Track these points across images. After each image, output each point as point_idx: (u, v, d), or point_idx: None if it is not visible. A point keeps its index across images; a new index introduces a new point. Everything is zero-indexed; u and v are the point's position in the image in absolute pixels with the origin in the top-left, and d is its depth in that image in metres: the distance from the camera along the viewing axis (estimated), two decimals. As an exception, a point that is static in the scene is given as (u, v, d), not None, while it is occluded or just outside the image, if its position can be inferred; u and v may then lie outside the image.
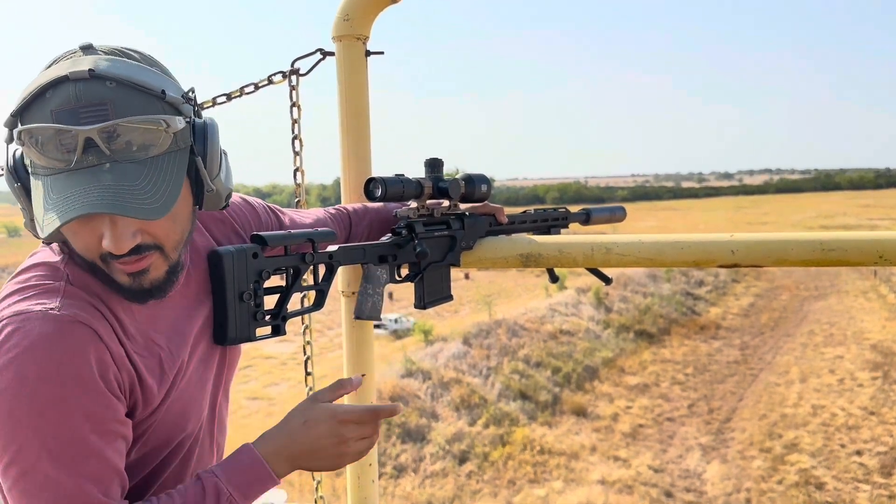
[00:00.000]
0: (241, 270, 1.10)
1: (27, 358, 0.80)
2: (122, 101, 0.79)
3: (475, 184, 1.47)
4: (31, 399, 0.80)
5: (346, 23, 1.55)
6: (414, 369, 23.26)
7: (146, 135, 0.81)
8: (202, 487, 0.90)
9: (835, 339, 32.31)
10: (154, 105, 0.81)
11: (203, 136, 0.88)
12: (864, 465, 20.08)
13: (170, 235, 0.88)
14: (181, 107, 0.84)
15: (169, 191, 0.82)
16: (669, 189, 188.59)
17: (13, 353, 0.80)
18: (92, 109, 0.78)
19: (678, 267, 1.37)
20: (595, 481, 19.32)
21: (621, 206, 1.82)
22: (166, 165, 0.83)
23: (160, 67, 0.87)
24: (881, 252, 1.26)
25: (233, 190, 0.98)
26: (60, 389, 0.81)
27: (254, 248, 1.12)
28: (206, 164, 0.88)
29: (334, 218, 1.45)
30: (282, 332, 1.16)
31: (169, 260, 0.90)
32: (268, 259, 1.14)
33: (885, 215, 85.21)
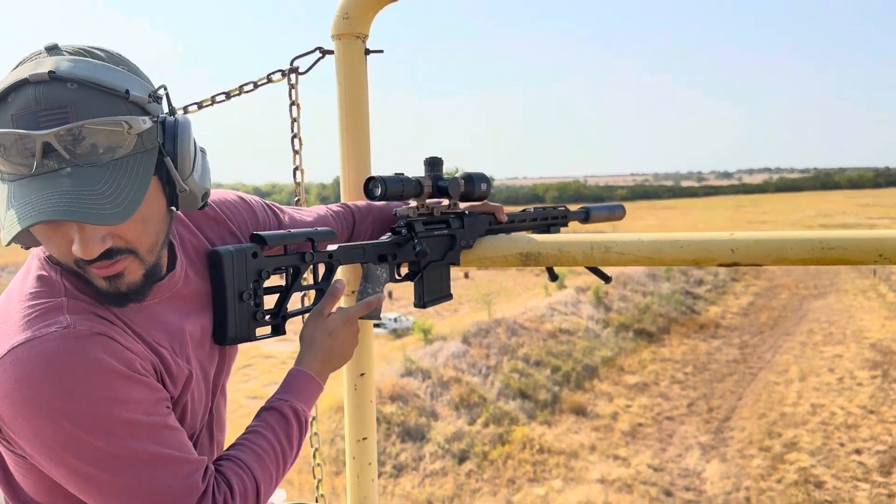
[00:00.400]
0: (240, 270, 1.09)
1: (65, 378, 0.82)
2: (83, 102, 0.78)
3: (475, 182, 1.47)
4: (87, 413, 0.83)
5: (345, 21, 1.55)
6: (413, 368, 23.27)
7: (109, 137, 0.79)
8: (279, 412, 1.04)
9: (834, 338, 32.33)
10: (118, 106, 0.80)
11: (173, 136, 0.86)
12: (864, 464, 20.10)
13: (142, 238, 0.87)
14: (147, 106, 0.83)
15: (132, 194, 0.81)
16: (669, 188, 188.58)
17: (49, 379, 0.82)
18: (51, 113, 0.76)
19: (677, 266, 1.37)
20: (594, 480, 19.33)
21: (620, 205, 1.82)
22: (131, 167, 0.81)
23: (127, 66, 0.85)
24: (881, 251, 1.26)
25: (210, 189, 0.96)
26: (109, 392, 0.84)
27: (253, 248, 1.11)
28: (177, 163, 0.86)
29: (337, 216, 1.45)
30: (281, 331, 1.17)
31: (145, 263, 0.89)
32: (267, 259, 1.13)
33: (885, 214, 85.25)
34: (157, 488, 0.87)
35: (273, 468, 1.00)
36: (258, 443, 1.00)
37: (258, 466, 0.98)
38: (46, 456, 0.85)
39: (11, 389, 0.82)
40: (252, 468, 0.97)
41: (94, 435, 0.83)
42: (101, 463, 0.84)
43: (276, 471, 1.01)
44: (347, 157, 1.60)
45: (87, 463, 0.84)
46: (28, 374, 0.82)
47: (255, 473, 0.97)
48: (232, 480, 0.94)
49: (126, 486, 0.86)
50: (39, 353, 0.82)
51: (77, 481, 0.86)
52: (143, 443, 0.86)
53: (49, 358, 0.82)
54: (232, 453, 0.99)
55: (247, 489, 0.95)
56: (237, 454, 0.99)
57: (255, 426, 1.03)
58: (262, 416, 1.04)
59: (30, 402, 0.82)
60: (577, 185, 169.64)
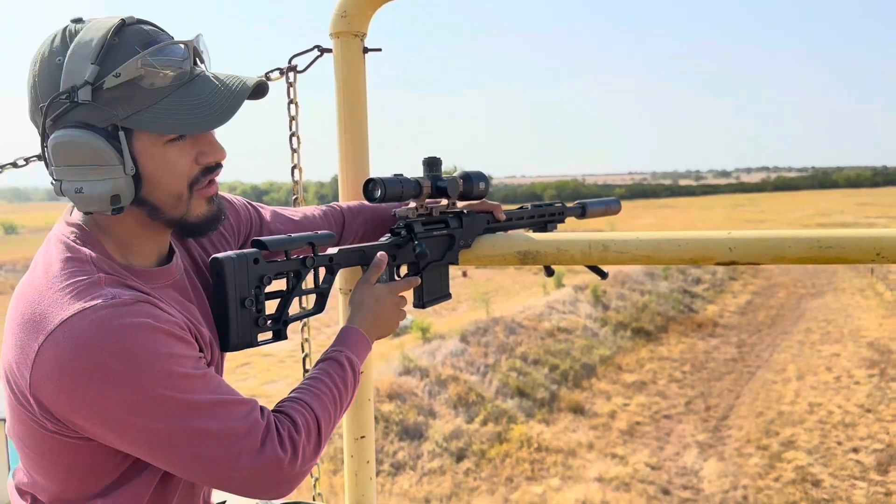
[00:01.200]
0: (242, 276, 1.10)
1: (123, 341, 0.86)
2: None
3: (473, 182, 1.47)
4: (149, 370, 0.87)
5: (343, 19, 1.55)
6: (411, 367, 23.26)
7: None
8: (335, 360, 1.15)
9: (832, 337, 32.35)
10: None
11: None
12: (861, 463, 20.13)
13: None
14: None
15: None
16: (667, 187, 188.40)
17: (108, 344, 0.85)
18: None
19: (675, 264, 1.37)
20: (592, 478, 19.35)
21: (616, 199, 1.83)
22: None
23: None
24: (878, 249, 1.26)
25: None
26: (164, 348, 0.89)
27: (255, 254, 1.12)
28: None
29: (325, 216, 1.46)
30: (283, 336, 1.18)
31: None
32: (269, 264, 1.14)
33: (883, 213, 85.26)
34: (224, 430, 0.92)
35: (331, 408, 1.08)
36: (316, 385, 1.09)
37: (318, 405, 1.05)
38: (111, 424, 0.87)
39: (69, 361, 0.84)
40: (312, 406, 1.05)
41: (158, 390, 0.87)
42: (169, 415, 0.89)
43: (334, 411, 1.09)
44: (346, 155, 1.60)
45: (155, 418, 0.88)
46: (86, 343, 0.84)
47: (316, 411, 1.04)
48: (295, 416, 1.01)
49: (195, 432, 0.90)
50: (93, 322, 0.85)
51: (146, 440, 0.89)
52: (202, 392, 0.92)
53: (104, 324, 0.85)
54: (292, 395, 1.07)
55: (309, 424, 1.02)
56: (297, 395, 1.07)
57: (313, 373, 1.12)
58: (319, 365, 1.14)
59: (92, 370, 0.84)
60: (575, 183, 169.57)
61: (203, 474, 0.93)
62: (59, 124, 0.90)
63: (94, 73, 0.87)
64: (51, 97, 0.88)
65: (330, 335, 6.72)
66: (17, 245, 60.92)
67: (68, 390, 0.85)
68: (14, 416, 0.94)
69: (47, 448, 0.93)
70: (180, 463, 0.91)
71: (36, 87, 0.91)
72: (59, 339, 0.84)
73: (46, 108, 0.89)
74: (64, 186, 0.91)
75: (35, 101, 0.92)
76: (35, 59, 0.92)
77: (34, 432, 0.93)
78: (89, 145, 0.89)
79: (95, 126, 0.89)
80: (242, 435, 0.93)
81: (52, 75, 0.89)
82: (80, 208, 0.93)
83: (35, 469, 0.97)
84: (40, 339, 0.85)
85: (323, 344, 6.25)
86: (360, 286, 1.29)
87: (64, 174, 0.92)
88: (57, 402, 0.87)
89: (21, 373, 0.88)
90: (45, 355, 0.85)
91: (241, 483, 0.94)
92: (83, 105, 0.88)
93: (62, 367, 0.84)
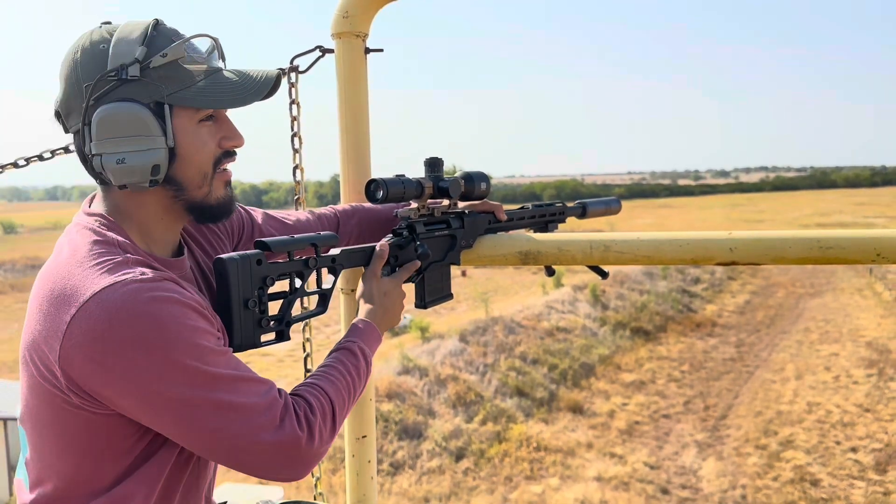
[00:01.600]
0: (245, 277, 1.10)
1: (153, 312, 0.90)
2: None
3: (475, 182, 1.48)
4: (178, 339, 0.91)
5: (345, 20, 1.55)
6: (411, 366, 23.26)
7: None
8: (348, 349, 1.19)
9: (830, 337, 32.37)
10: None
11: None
12: (859, 462, 20.15)
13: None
14: None
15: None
16: (666, 186, 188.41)
17: (140, 314, 0.89)
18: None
19: (676, 264, 1.38)
20: (591, 478, 19.35)
21: (616, 199, 1.83)
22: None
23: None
24: (879, 250, 1.27)
25: None
26: (192, 321, 0.94)
27: (258, 255, 1.12)
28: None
29: (319, 218, 1.47)
30: (286, 337, 1.19)
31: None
32: (272, 265, 1.14)
33: (881, 213, 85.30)
34: (245, 405, 0.95)
35: (345, 394, 1.12)
36: (330, 372, 1.13)
37: (332, 389, 1.09)
38: (139, 392, 0.90)
39: (101, 329, 0.88)
40: (327, 390, 1.09)
41: (186, 360, 0.91)
42: (194, 385, 0.92)
43: (348, 397, 1.13)
44: (347, 156, 1.60)
45: (181, 386, 0.91)
46: (118, 313, 0.88)
47: (331, 395, 1.08)
48: (310, 399, 1.05)
49: (218, 404, 0.93)
50: (125, 294, 0.89)
51: (171, 410, 0.92)
52: (224, 367, 0.96)
53: (135, 296, 0.89)
54: (307, 381, 1.11)
55: (324, 407, 1.06)
56: (312, 381, 1.10)
57: (327, 362, 1.16)
58: (332, 354, 1.18)
59: (123, 338, 0.88)
60: (574, 183, 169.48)
61: (222, 450, 0.95)
62: (102, 101, 0.97)
63: (142, 53, 0.97)
64: (98, 75, 0.96)
65: (330, 335, 6.88)
66: (16, 244, 60.87)
67: (99, 359, 0.88)
68: (34, 395, 0.96)
69: (69, 425, 0.95)
70: (201, 436, 0.94)
71: (77, 70, 0.98)
72: (91, 309, 0.88)
73: (93, 86, 0.96)
74: (104, 159, 0.97)
75: (74, 83, 0.98)
76: (73, 51, 0.99)
77: (56, 409, 0.94)
78: (137, 116, 0.97)
79: (140, 101, 0.97)
80: (262, 410, 0.97)
81: (96, 59, 0.97)
82: (118, 180, 0.98)
83: (51, 451, 0.98)
84: (72, 310, 0.89)
85: (321, 343, 6.29)
86: (367, 280, 1.33)
87: (105, 146, 0.97)
88: (86, 371, 0.89)
89: (50, 345, 0.90)
90: (77, 325, 0.88)
91: (259, 458, 0.96)
92: (131, 81, 0.97)
93: (94, 336, 0.88)
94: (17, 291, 43.88)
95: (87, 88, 0.96)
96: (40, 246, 59.07)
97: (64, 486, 0.97)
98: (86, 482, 0.96)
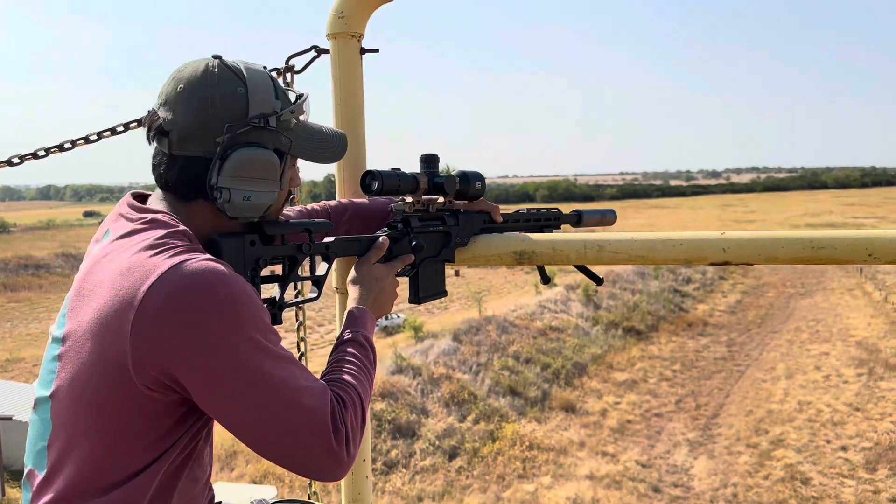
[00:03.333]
0: (238, 258, 1.10)
1: (226, 286, 0.96)
2: None
3: (470, 181, 1.48)
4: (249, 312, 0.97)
5: (340, 20, 1.55)
6: (404, 365, 23.24)
7: None
8: (355, 341, 1.20)
9: (820, 336, 32.57)
10: None
11: None
12: (849, 461, 20.27)
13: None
14: None
15: None
16: (658, 187, 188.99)
17: (214, 285, 0.95)
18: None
19: (670, 264, 1.39)
20: (583, 476, 19.40)
21: (612, 210, 1.84)
22: None
23: None
24: (870, 250, 1.28)
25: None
26: (256, 301, 1.01)
27: (251, 237, 1.12)
28: None
29: (310, 214, 1.48)
30: (278, 321, 1.18)
31: None
32: (265, 248, 1.15)
33: (871, 213, 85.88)
34: (304, 384, 1.00)
35: (367, 385, 1.16)
36: (349, 368, 1.15)
37: (356, 383, 1.12)
38: (209, 358, 0.94)
39: (179, 295, 0.93)
40: (352, 384, 1.11)
41: (253, 333, 0.97)
42: (262, 358, 0.96)
43: (370, 387, 1.16)
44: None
45: (250, 356, 0.96)
46: (197, 281, 0.94)
47: (357, 388, 1.11)
48: (340, 393, 1.08)
49: (286, 376, 0.98)
50: (201, 268, 0.95)
51: (236, 379, 0.95)
52: (281, 350, 1.02)
53: (210, 270, 0.96)
54: (330, 377, 1.12)
55: (354, 400, 1.08)
56: (335, 376, 1.12)
57: (340, 356, 1.17)
58: (341, 347, 1.19)
59: (200, 305, 0.93)
60: (566, 183, 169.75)
61: (271, 435, 0.97)
62: (236, 141, 1.08)
63: (278, 107, 1.11)
64: (241, 119, 1.07)
65: (324, 334, 6.87)
66: (9, 244, 60.48)
67: (175, 325, 0.93)
68: (86, 370, 0.97)
69: (114, 399, 0.96)
70: (255, 414, 0.96)
71: (215, 107, 1.07)
72: (171, 277, 0.94)
73: (235, 127, 1.07)
74: (232, 194, 1.06)
75: (207, 117, 1.07)
76: (204, 85, 1.08)
77: (109, 384, 0.96)
78: (270, 163, 1.09)
79: (266, 147, 1.10)
80: (315, 393, 1.01)
81: (238, 104, 1.08)
82: (236, 213, 1.08)
83: (85, 431, 0.98)
84: (151, 279, 0.94)
85: (315, 342, 6.35)
86: (359, 266, 1.34)
87: (235, 183, 1.07)
88: (158, 339, 0.92)
89: (123, 315, 0.94)
90: (154, 293, 0.93)
91: (304, 451, 0.99)
92: (267, 130, 1.09)
93: (172, 302, 0.93)
94: (9, 291, 43.62)
95: (230, 128, 1.06)
96: (33, 245, 58.71)
97: (85, 474, 0.97)
98: (109, 469, 0.97)
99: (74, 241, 59.76)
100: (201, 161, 1.08)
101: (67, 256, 51.44)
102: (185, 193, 1.10)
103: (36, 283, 45.64)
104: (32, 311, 38.44)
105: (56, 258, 51.31)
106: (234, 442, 17.90)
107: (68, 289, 1.06)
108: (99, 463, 0.98)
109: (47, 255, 51.71)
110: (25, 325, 35.42)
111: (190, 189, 1.09)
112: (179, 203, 1.10)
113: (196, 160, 1.08)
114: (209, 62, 1.10)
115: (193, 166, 1.08)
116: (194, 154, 1.08)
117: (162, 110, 1.09)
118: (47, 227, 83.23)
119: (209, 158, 1.07)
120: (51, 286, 44.60)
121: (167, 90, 1.09)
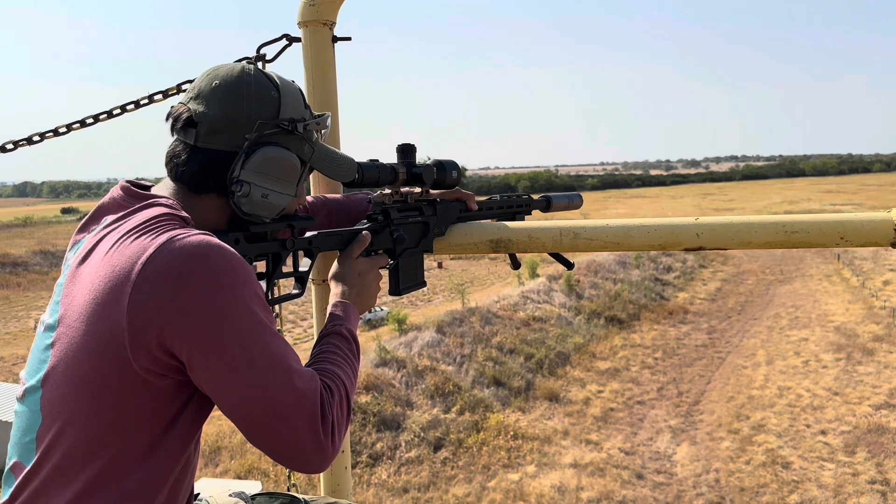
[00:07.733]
0: None
1: (224, 256, 0.96)
2: None
3: (446, 170, 1.48)
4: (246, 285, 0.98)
5: (311, 8, 1.53)
6: (388, 358, 23.24)
7: None
8: (339, 334, 1.21)
9: (800, 322, 33.04)
10: None
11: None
12: (829, 445, 20.63)
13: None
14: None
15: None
16: (638, 177, 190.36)
17: (213, 253, 0.95)
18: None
19: (644, 251, 1.40)
20: (567, 465, 19.56)
21: (578, 194, 1.88)
22: None
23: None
24: (842, 233, 1.29)
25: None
26: (252, 276, 1.01)
27: (236, 235, 1.12)
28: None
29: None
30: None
31: None
32: (250, 245, 1.14)
33: (847, 200, 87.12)
34: (295, 366, 1.01)
35: (352, 377, 1.16)
36: (334, 358, 1.15)
37: (342, 373, 1.13)
38: (205, 328, 0.94)
39: (177, 265, 0.94)
40: (339, 374, 1.12)
41: (250, 304, 0.97)
42: (258, 330, 0.97)
43: (354, 380, 1.17)
44: (317, 145, 1.58)
45: (245, 326, 0.96)
46: (194, 251, 0.95)
47: (343, 379, 1.12)
48: (327, 381, 1.08)
49: (279, 353, 0.99)
50: (199, 239, 0.96)
51: (233, 350, 0.95)
52: (274, 327, 1.02)
53: (208, 242, 0.96)
54: (316, 367, 1.12)
55: (339, 390, 1.09)
56: (320, 366, 1.13)
57: (325, 347, 1.18)
58: (325, 339, 1.20)
59: (197, 274, 0.94)
60: (548, 174, 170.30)
61: (262, 413, 0.97)
62: (263, 139, 1.11)
63: (307, 115, 1.17)
64: (272, 120, 1.11)
65: (307, 328, 6.86)
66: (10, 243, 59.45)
67: (171, 294, 0.92)
68: (80, 351, 0.95)
69: (109, 383, 0.94)
70: (249, 391, 0.96)
71: (249, 105, 1.10)
72: (168, 249, 0.94)
73: (266, 126, 1.10)
74: (252, 189, 1.09)
75: (241, 114, 1.10)
76: (240, 84, 1.11)
77: (101, 366, 0.94)
78: (293, 165, 1.13)
79: (293, 151, 1.14)
80: (305, 375, 1.02)
81: (272, 104, 1.12)
82: (252, 209, 1.11)
83: (77, 417, 0.95)
84: (150, 251, 0.94)
85: (298, 336, 6.32)
86: (342, 261, 1.34)
87: (257, 179, 1.09)
88: (156, 309, 0.92)
89: (120, 289, 0.93)
90: (151, 264, 0.93)
91: (292, 434, 0.98)
92: (294, 135, 1.14)
93: (169, 272, 0.93)
94: (-15, 288, 42.96)
95: (261, 125, 1.09)
96: (10, 243, 57.82)
97: (77, 465, 0.95)
98: (102, 459, 0.95)
99: (52, 239, 58.98)
100: (224, 155, 1.09)
101: (45, 254, 50.75)
102: (197, 186, 1.10)
103: (14, 282, 44.95)
104: (11, 310, 37.84)
105: (34, 256, 50.60)
106: (217, 438, 17.82)
107: (47, 286, 1.05)
108: (91, 453, 0.95)
109: (25, 253, 50.97)
110: (3, 324, 34.90)
111: (205, 182, 1.10)
112: (188, 195, 1.11)
113: (219, 154, 1.09)
114: (245, 66, 1.14)
115: (215, 160, 1.09)
116: (220, 148, 1.09)
117: (193, 103, 1.10)
118: (24, 225, 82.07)
119: (233, 154, 1.09)
120: (29, 284, 43.96)
121: (201, 85, 1.12)
